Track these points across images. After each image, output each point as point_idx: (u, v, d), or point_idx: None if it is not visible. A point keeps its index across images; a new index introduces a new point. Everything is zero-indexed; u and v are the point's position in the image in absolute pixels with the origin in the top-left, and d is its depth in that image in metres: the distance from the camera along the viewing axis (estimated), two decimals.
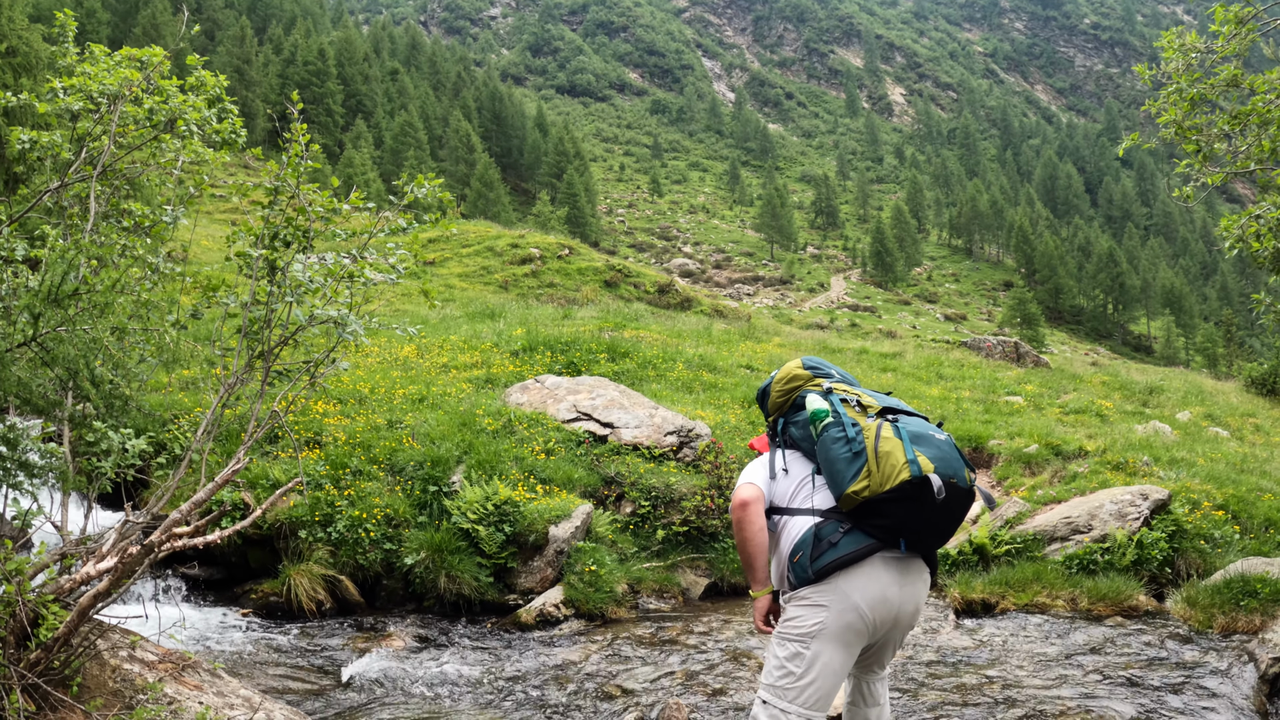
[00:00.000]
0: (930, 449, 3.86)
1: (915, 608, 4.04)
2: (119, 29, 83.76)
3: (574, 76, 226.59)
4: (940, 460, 3.83)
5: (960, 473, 3.86)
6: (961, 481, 3.85)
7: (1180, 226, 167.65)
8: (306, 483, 8.61)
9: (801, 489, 4.14)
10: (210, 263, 21.35)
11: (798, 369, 4.40)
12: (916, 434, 3.92)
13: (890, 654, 4.29)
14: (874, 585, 3.87)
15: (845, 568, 3.86)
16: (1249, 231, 8.89)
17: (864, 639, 3.96)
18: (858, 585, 3.86)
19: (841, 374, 4.42)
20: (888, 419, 3.99)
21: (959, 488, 3.85)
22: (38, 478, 4.86)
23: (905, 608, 3.97)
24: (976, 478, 3.95)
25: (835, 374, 4.39)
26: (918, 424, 4.00)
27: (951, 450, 3.91)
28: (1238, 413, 20.29)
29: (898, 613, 3.96)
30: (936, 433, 3.97)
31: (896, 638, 4.15)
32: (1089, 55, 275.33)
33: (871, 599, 3.87)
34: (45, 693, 4.13)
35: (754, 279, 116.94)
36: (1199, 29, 9.16)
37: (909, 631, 4.17)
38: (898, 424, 3.96)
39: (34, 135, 5.88)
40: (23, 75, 27.19)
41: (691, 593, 8.86)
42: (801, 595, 3.95)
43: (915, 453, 3.82)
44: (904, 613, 3.98)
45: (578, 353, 14.91)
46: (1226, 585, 7.64)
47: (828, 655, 3.88)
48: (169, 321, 5.59)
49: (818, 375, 4.36)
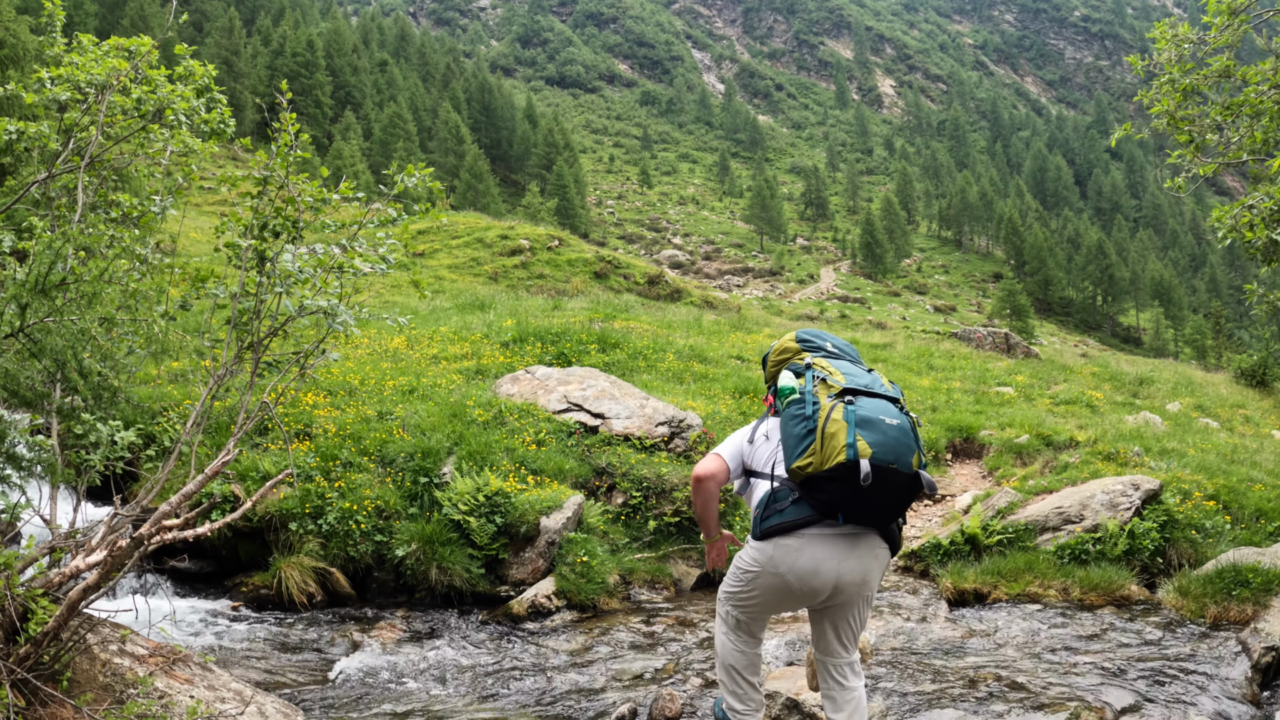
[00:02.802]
0: (874, 434, 4.04)
1: (860, 579, 4.30)
2: (106, 20, 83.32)
3: (563, 68, 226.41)
4: (882, 445, 4.03)
5: (904, 458, 4.06)
6: (904, 467, 4.06)
7: (1169, 218, 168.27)
8: (297, 475, 8.57)
9: (774, 455, 4.46)
10: (198, 254, 21.27)
11: (790, 341, 4.72)
12: (865, 418, 4.08)
13: (849, 628, 4.52)
14: (805, 555, 4.22)
15: (784, 534, 4.24)
16: (1242, 222, 8.89)
17: (797, 598, 4.40)
18: (790, 552, 4.24)
19: (838, 344, 4.69)
20: (845, 400, 4.17)
21: (899, 473, 4.06)
22: (26, 471, 4.82)
23: (847, 578, 4.25)
24: (926, 461, 4.17)
25: (829, 345, 4.64)
26: (874, 407, 4.15)
27: (901, 435, 4.09)
28: (1227, 404, 20.36)
29: (836, 582, 4.26)
30: (891, 417, 4.13)
31: (848, 606, 4.44)
32: (1079, 48, 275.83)
33: (801, 568, 4.24)
34: (35, 688, 4.10)
35: (744, 270, 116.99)
36: (1190, 20, 9.15)
37: (862, 600, 4.44)
38: (851, 405, 4.13)
39: (21, 126, 5.83)
40: (9, 66, 27.05)
41: (683, 583, 8.84)
42: (752, 544, 4.39)
43: (856, 436, 4.02)
44: (846, 582, 4.27)
45: (568, 344, 14.89)
46: (1218, 575, 7.66)
47: (761, 597, 4.45)
48: (158, 312, 5.55)
49: (806, 349, 4.64)
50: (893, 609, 7.89)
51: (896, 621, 7.55)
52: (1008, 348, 26.85)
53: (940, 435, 13.00)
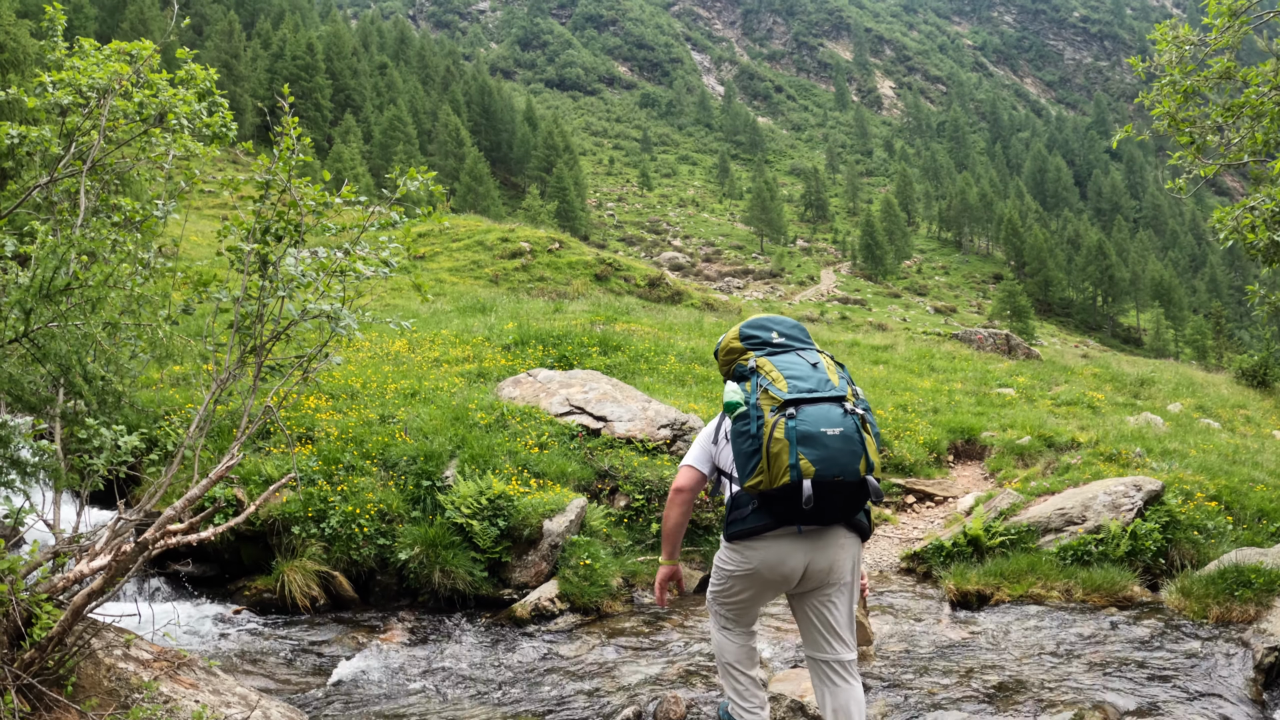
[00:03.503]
0: (815, 450, 4.11)
1: (829, 566, 4.43)
2: (106, 24, 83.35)
3: (563, 70, 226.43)
4: (825, 460, 4.11)
5: (850, 467, 4.15)
6: (850, 476, 4.15)
7: (1169, 219, 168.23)
8: (299, 478, 8.56)
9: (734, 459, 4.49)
10: (200, 258, 21.28)
11: (734, 341, 4.64)
12: (805, 434, 4.13)
13: (830, 619, 4.54)
14: (772, 554, 4.39)
15: (749, 538, 4.40)
16: (1244, 223, 8.90)
17: (775, 585, 4.52)
18: (759, 552, 4.40)
19: (786, 329, 4.63)
20: (786, 414, 4.18)
21: (846, 483, 4.17)
22: (30, 475, 4.82)
23: (816, 566, 4.40)
24: (875, 465, 4.25)
25: (775, 335, 4.58)
26: (816, 417, 4.18)
27: (844, 444, 4.15)
28: (1228, 404, 20.35)
29: (806, 571, 4.41)
30: (833, 425, 4.16)
31: (824, 593, 4.52)
32: (1078, 48, 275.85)
33: (770, 564, 4.40)
34: (40, 693, 4.10)
35: (744, 272, 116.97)
36: (1189, 22, 9.16)
37: (837, 589, 4.52)
38: (792, 421, 4.16)
39: (23, 130, 5.83)
40: (10, 71, 27.07)
41: (686, 586, 8.82)
42: (724, 545, 4.58)
43: (799, 456, 4.10)
44: (815, 570, 4.41)
45: (569, 346, 14.89)
46: (1220, 575, 7.65)
47: (741, 591, 4.59)
48: (161, 317, 5.56)
49: (750, 346, 4.56)
50: (895, 611, 7.89)
51: (899, 623, 7.55)
52: (1009, 349, 26.85)
53: (942, 437, 12.99)
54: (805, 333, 4.66)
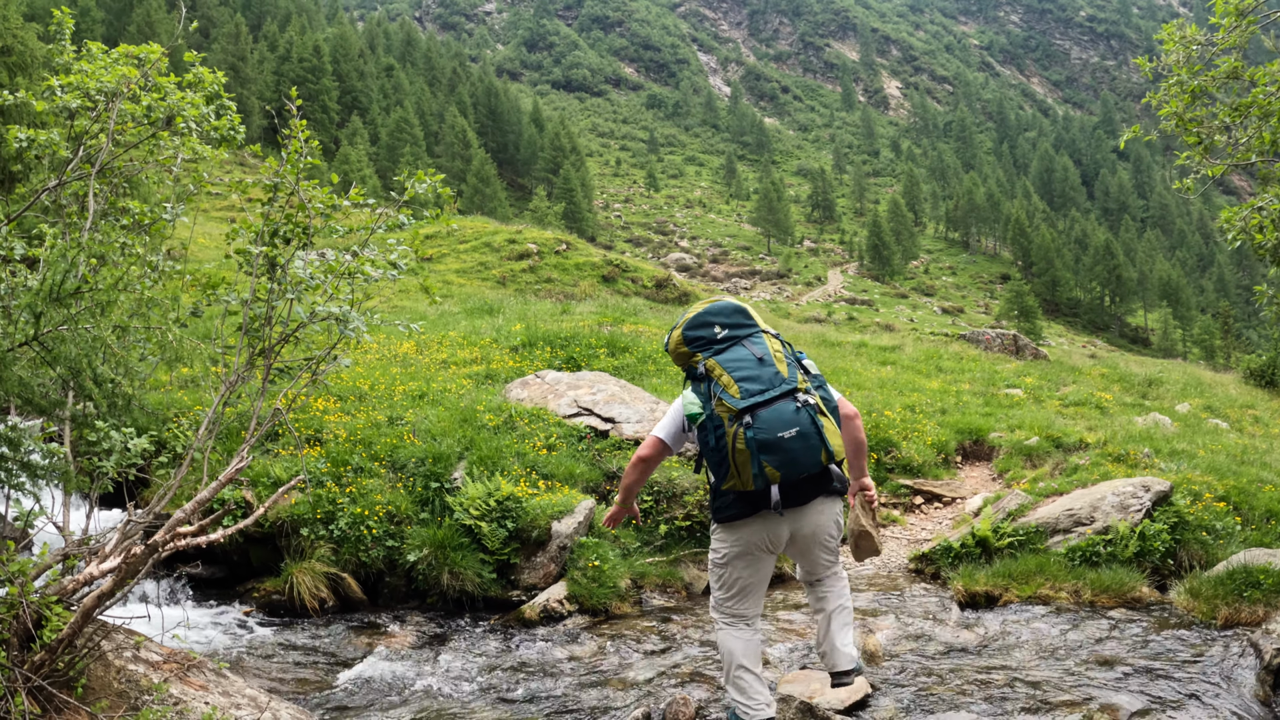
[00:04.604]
0: (776, 455, 4.42)
1: (812, 531, 4.84)
2: (113, 27, 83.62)
3: (569, 71, 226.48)
4: (786, 464, 4.44)
5: (811, 461, 4.48)
6: (813, 468, 4.52)
7: (1177, 219, 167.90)
8: (308, 480, 8.59)
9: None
10: (208, 260, 21.30)
11: (679, 343, 4.83)
12: (764, 442, 4.41)
13: (818, 556, 5.00)
14: (758, 532, 4.76)
15: (733, 521, 4.78)
16: (1252, 224, 8.88)
17: (766, 553, 4.88)
18: (745, 532, 4.78)
19: (728, 322, 4.77)
20: (743, 422, 4.44)
21: (812, 475, 4.57)
22: (40, 478, 4.83)
23: (801, 532, 4.81)
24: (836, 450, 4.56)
25: (717, 330, 4.73)
26: (772, 421, 4.43)
27: (801, 443, 4.44)
28: (1237, 404, 20.31)
29: (792, 536, 4.83)
30: (788, 427, 4.42)
31: (809, 546, 4.93)
32: (1085, 48, 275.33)
33: (757, 539, 4.78)
34: (50, 695, 4.11)
35: (751, 273, 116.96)
36: (1195, 21, 9.14)
37: (825, 541, 4.95)
38: (750, 430, 4.42)
39: (31, 133, 5.85)
40: (18, 74, 27.12)
41: (695, 587, 8.84)
42: (714, 529, 5.00)
43: (762, 464, 4.42)
44: (801, 535, 4.83)
45: (577, 348, 14.89)
46: (1229, 576, 7.63)
47: (738, 569, 4.93)
48: (171, 319, 5.57)
49: (697, 349, 4.75)
50: (904, 612, 7.88)
51: (908, 624, 7.54)
52: (1016, 349, 26.81)
53: (950, 437, 12.98)
54: (747, 314, 4.83)
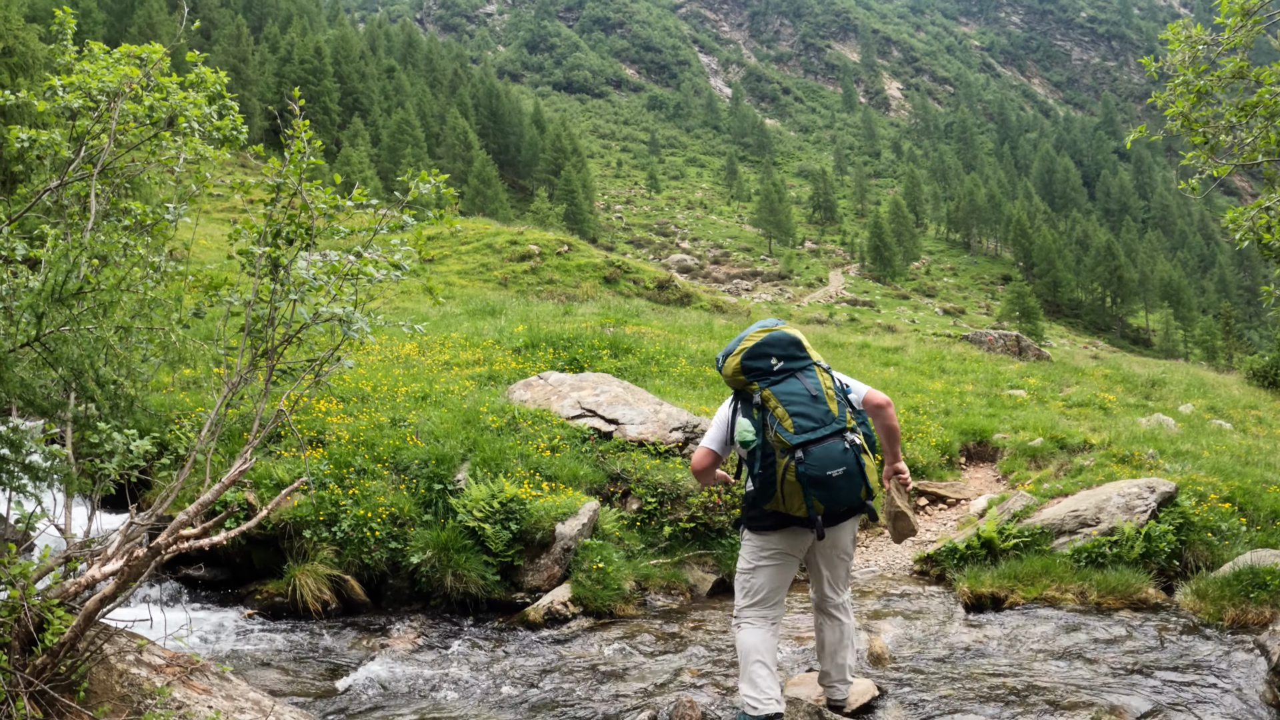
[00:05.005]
0: (825, 491, 4.82)
1: (834, 542, 5.29)
2: (114, 28, 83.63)
3: (570, 73, 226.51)
4: (831, 500, 4.86)
5: (853, 497, 4.93)
6: (855, 502, 4.97)
7: (1178, 219, 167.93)
8: (310, 482, 8.56)
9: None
10: (210, 261, 21.27)
11: (737, 371, 5.09)
12: (815, 478, 4.78)
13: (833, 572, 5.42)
14: (788, 540, 5.18)
15: (767, 531, 5.16)
16: (1259, 224, 8.85)
17: (793, 556, 5.28)
18: (776, 539, 5.19)
19: (784, 354, 5.05)
20: (795, 457, 4.79)
21: (850, 506, 5.00)
22: (42, 480, 4.81)
23: (825, 543, 5.24)
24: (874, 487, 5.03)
25: (774, 361, 5.01)
26: (823, 459, 4.79)
27: (847, 483, 4.84)
28: (1240, 405, 20.29)
29: (812, 547, 5.27)
30: (837, 466, 4.79)
31: (829, 558, 5.37)
32: (1086, 49, 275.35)
33: (787, 545, 5.21)
34: (52, 699, 4.09)
35: (752, 274, 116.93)
36: (1197, 22, 9.11)
37: (841, 553, 5.39)
38: (802, 466, 4.78)
39: (33, 134, 5.83)
40: (19, 75, 27.15)
41: (699, 589, 8.82)
42: (745, 536, 5.37)
43: (812, 499, 4.83)
44: (823, 546, 5.27)
45: (580, 349, 14.87)
46: (1235, 577, 7.61)
47: (763, 577, 5.28)
48: (173, 320, 5.54)
49: (754, 378, 5.03)
50: (910, 614, 7.86)
51: (914, 626, 7.51)
52: (1019, 350, 26.79)
53: (954, 439, 12.95)
54: (801, 346, 5.10)
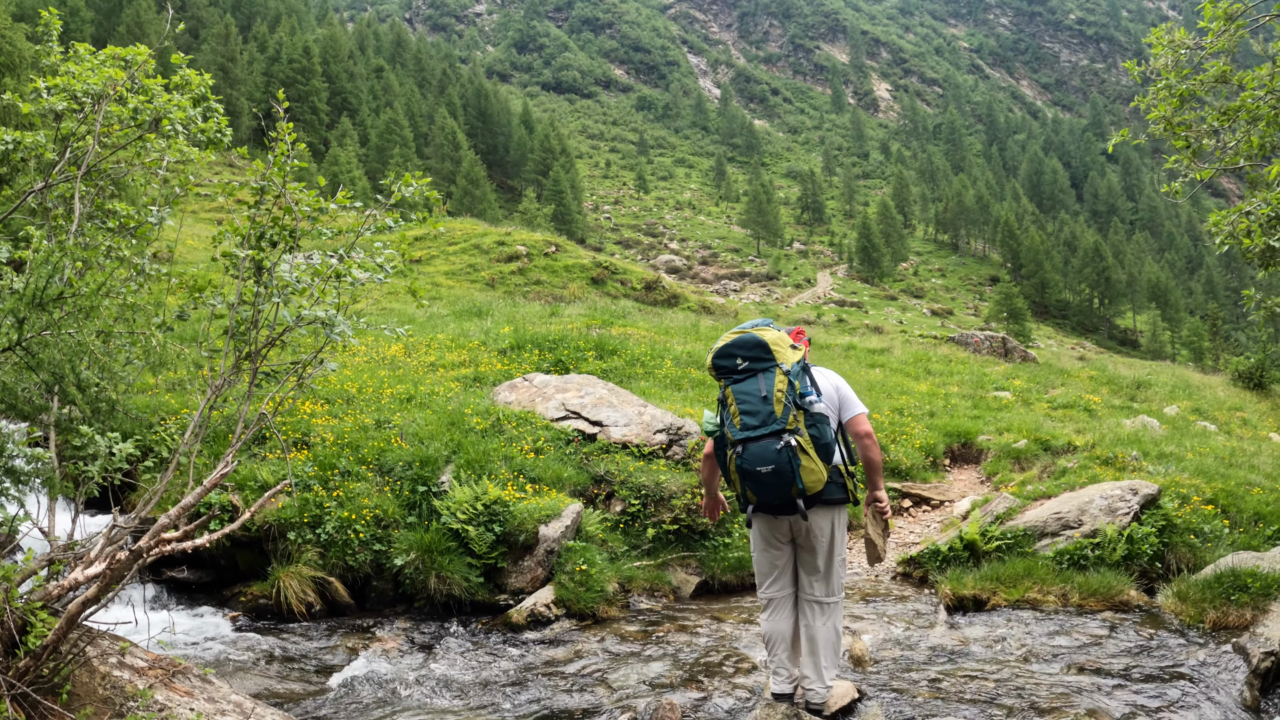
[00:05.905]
0: (755, 484, 5.27)
1: (806, 531, 5.59)
2: (102, 28, 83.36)
3: (559, 73, 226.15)
4: (761, 493, 5.30)
5: (783, 495, 5.27)
6: (784, 499, 5.30)
7: (1166, 221, 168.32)
8: (295, 484, 8.55)
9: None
10: (195, 262, 21.26)
11: (710, 370, 5.59)
12: (747, 472, 5.25)
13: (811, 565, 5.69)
14: (767, 525, 5.70)
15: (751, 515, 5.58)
16: (1239, 228, 8.89)
17: (779, 538, 5.71)
18: (758, 523, 5.75)
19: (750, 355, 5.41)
20: (737, 450, 5.27)
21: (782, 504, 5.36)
22: (24, 483, 4.80)
23: (797, 530, 5.62)
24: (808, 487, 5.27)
25: (738, 361, 5.41)
26: (756, 456, 5.21)
27: (775, 480, 5.21)
28: (1225, 406, 20.37)
29: (792, 530, 5.66)
30: (766, 463, 5.19)
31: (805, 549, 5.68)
32: (1074, 51, 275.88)
33: (768, 529, 5.71)
34: (34, 701, 4.08)
35: (740, 275, 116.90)
36: (1185, 24, 9.16)
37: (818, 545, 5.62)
38: (740, 459, 5.27)
39: (17, 136, 5.82)
40: (6, 75, 27.05)
41: (682, 591, 8.83)
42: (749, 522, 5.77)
43: (745, 488, 5.34)
44: (798, 532, 5.63)
45: (566, 350, 14.88)
46: (1217, 580, 7.65)
47: (757, 557, 5.87)
48: (155, 324, 5.54)
49: (720, 375, 5.49)
50: (892, 616, 7.88)
51: (895, 628, 7.54)
52: (1005, 351, 26.87)
53: (938, 440, 12.99)
54: (767, 349, 5.40)
